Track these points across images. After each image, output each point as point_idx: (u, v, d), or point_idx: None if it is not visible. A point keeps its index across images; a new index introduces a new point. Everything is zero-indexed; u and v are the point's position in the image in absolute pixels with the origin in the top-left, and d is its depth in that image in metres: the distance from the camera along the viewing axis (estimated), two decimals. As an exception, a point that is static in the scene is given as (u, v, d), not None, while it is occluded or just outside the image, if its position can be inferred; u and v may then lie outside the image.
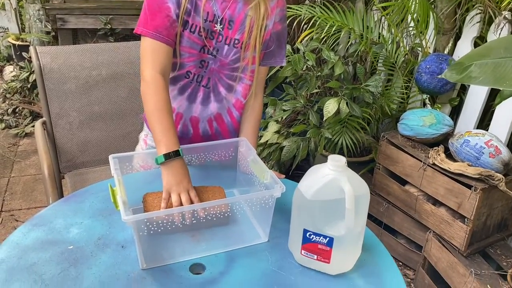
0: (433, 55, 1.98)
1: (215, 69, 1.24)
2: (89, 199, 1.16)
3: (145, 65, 1.15)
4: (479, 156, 1.61)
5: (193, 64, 1.22)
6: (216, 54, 1.21)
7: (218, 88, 1.27)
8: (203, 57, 1.22)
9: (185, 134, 1.32)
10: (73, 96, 1.80)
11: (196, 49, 1.20)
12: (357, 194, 0.91)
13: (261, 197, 0.99)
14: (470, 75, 0.86)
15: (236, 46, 1.21)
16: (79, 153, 1.85)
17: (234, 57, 1.23)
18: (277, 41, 1.27)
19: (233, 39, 1.21)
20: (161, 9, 1.13)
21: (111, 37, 3.32)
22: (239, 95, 1.30)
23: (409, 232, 1.92)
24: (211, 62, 1.23)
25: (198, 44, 1.19)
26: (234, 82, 1.28)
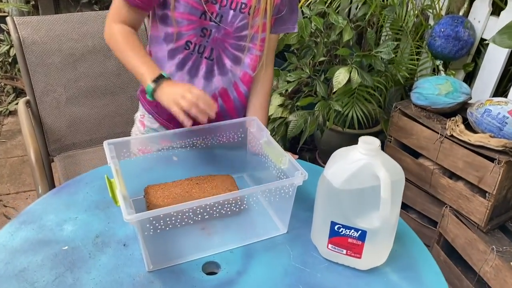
0: (448, 17, 1.83)
1: (219, 38, 1.09)
2: (83, 189, 1.04)
3: (109, 16, 1.08)
4: (502, 127, 1.50)
5: (193, 33, 1.07)
6: (220, 20, 1.06)
7: (223, 60, 1.13)
8: (205, 25, 1.07)
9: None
10: (58, 70, 1.65)
11: (196, 15, 1.05)
12: (393, 180, 0.79)
13: (280, 187, 0.87)
14: (527, 40, 0.73)
15: (243, 11, 1.06)
16: (69, 133, 1.71)
17: (240, 24, 1.08)
18: (289, 5, 1.12)
19: (240, 3, 1.05)
20: None
21: (96, 5, 3.11)
22: (247, 68, 1.16)
23: (422, 207, 1.82)
24: (214, 30, 1.08)
25: (198, 9, 1.04)
26: (242, 53, 1.13)
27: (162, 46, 1.12)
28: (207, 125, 1.05)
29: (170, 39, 1.10)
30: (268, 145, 0.99)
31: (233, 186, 0.98)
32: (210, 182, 0.98)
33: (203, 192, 0.96)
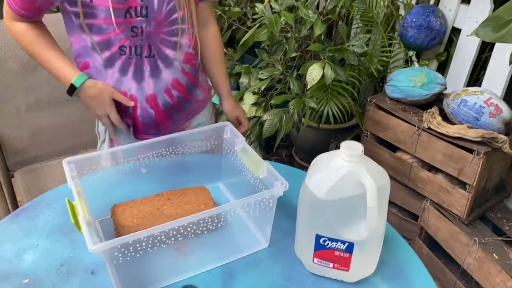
0: (419, 6, 1.80)
1: (152, 32, 1.01)
2: (44, 212, 0.95)
3: (4, 17, 1.03)
4: (479, 117, 1.48)
5: (124, 36, 0.99)
6: (147, 13, 0.98)
7: (164, 52, 1.05)
8: (133, 22, 0.98)
9: (148, 118, 1.12)
10: (17, 77, 1.53)
11: (120, 16, 0.96)
12: (379, 186, 0.75)
13: (260, 199, 0.80)
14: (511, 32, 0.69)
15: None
16: (30, 144, 1.60)
17: (169, 7, 1.00)
18: None
19: None
20: None
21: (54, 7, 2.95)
22: (186, 49, 1.09)
23: (402, 201, 1.80)
24: (144, 25, 0.99)
25: (120, 9, 0.95)
26: (178, 37, 1.05)
27: (94, 56, 1.03)
28: (178, 133, 0.97)
29: (101, 47, 1.01)
30: (244, 152, 0.93)
31: (208, 200, 0.91)
32: (183, 197, 0.91)
33: (176, 208, 0.89)
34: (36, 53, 1.05)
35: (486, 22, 0.73)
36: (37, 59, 1.07)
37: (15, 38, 1.05)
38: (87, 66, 1.05)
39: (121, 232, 0.83)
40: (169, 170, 1.06)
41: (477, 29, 0.73)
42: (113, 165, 0.93)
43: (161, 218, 0.85)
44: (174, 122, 1.17)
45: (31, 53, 1.06)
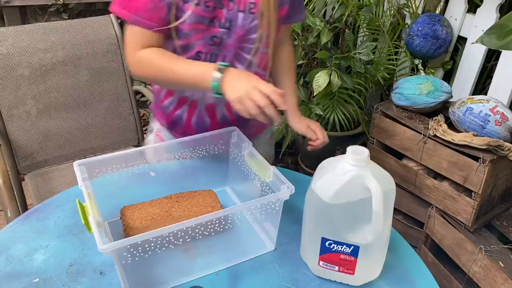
0: (425, 15, 1.82)
1: (231, 44, 1.01)
2: (54, 213, 0.97)
3: (128, 50, 0.98)
4: (485, 125, 1.49)
5: (203, 43, 0.99)
6: (230, 25, 0.98)
7: (235, 66, 1.04)
8: (214, 32, 0.98)
9: (201, 126, 1.12)
10: (28, 83, 1.56)
11: (203, 24, 0.97)
12: (384, 190, 0.76)
13: (266, 203, 0.82)
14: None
15: (253, 11, 0.98)
16: (40, 149, 1.62)
17: (251, 25, 0.99)
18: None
19: (248, 3, 0.97)
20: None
21: (65, 14, 3.00)
22: (256, 68, 1.07)
23: (408, 209, 1.80)
24: (225, 37, 0.99)
25: (205, 17, 0.96)
26: (252, 56, 1.05)
27: None
28: (186, 138, 0.99)
29: (179, 52, 1.01)
30: (251, 157, 0.94)
31: (216, 203, 0.93)
32: (190, 199, 0.93)
33: (184, 210, 0.90)
34: (168, 69, 0.95)
35: (491, 29, 0.74)
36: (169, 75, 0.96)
37: (138, 61, 0.98)
38: None
39: (130, 233, 0.84)
40: (177, 174, 1.07)
41: (482, 37, 0.75)
42: (123, 168, 0.95)
43: (169, 220, 0.87)
44: None
45: (162, 73, 0.97)
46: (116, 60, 1.69)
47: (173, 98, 1.11)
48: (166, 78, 0.97)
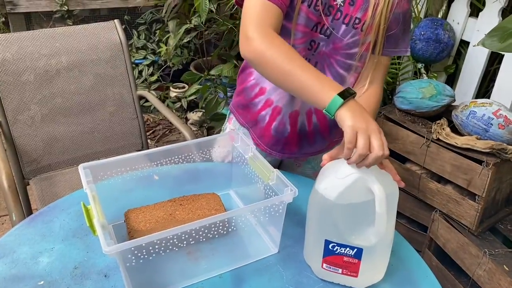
0: (427, 20, 1.83)
1: (325, 53, 1.01)
2: (59, 217, 0.97)
3: (248, 26, 0.88)
4: (488, 128, 1.49)
5: (303, 46, 0.99)
6: (330, 34, 0.98)
7: (326, 74, 1.03)
8: (314, 37, 0.99)
9: (280, 133, 1.11)
10: (33, 88, 1.58)
11: (309, 27, 0.97)
12: (387, 193, 0.76)
13: (270, 205, 0.82)
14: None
15: (356, 27, 0.97)
16: (45, 153, 1.63)
17: (351, 40, 0.99)
18: (402, 24, 1.01)
19: (354, 17, 0.96)
20: None
21: (69, 20, 3.02)
22: (348, 86, 1.05)
23: (411, 212, 1.80)
24: (322, 43, 1.00)
25: (312, 20, 0.96)
26: (347, 72, 1.03)
27: None
28: (189, 141, 1.00)
29: None
30: (254, 160, 0.95)
31: (219, 206, 0.93)
32: (194, 202, 0.93)
33: (188, 213, 0.91)
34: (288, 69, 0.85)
35: (492, 32, 0.75)
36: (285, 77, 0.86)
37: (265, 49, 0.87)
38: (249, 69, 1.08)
39: (134, 236, 0.85)
40: (181, 177, 1.08)
41: (484, 39, 0.75)
42: (127, 172, 0.95)
43: (173, 223, 0.87)
44: (299, 151, 1.15)
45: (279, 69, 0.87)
46: (120, 65, 1.70)
47: (262, 97, 1.09)
48: (281, 78, 0.87)
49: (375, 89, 1.04)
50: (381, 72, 1.05)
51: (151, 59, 3.03)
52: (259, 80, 1.09)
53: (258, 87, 1.10)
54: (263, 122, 1.13)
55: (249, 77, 1.12)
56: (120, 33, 1.70)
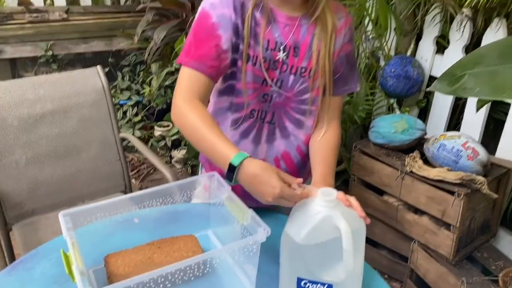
0: (397, 57, 1.92)
1: (280, 103, 1.08)
2: (40, 264, 0.99)
3: (177, 94, 1.01)
4: (458, 160, 1.55)
5: (256, 101, 1.07)
6: (280, 86, 1.06)
7: (284, 123, 1.11)
8: (265, 91, 1.06)
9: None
10: (16, 132, 1.61)
11: (258, 83, 1.05)
12: (353, 229, 0.80)
13: (244, 245, 0.86)
14: (464, 87, 0.78)
15: (304, 75, 1.06)
16: (28, 198, 1.65)
17: (301, 87, 1.07)
18: (347, 65, 1.11)
19: (300, 67, 1.05)
20: (209, 38, 1.00)
21: (54, 64, 3.09)
22: (309, 131, 1.13)
23: (392, 244, 1.84)
24: (274, 95, 1.07)
25: (260, 77, 1.04)
26: (303, 116, 1.11)
27: (226, 115, 1.10)
28: (168, 184, 1.04)
29: (235, 109, 1.08)
30: (230, 201, 0.99)
31: (197, 247, 0.96)
32: (172, 245, 0.96)
33: (166, 256, 0.93)
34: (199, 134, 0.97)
35: (442, 77, 0.81)
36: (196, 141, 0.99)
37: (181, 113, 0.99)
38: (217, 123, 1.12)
39: (113, 280, 0.87)
40: (161, 219, 1.11)
41: (435, 84, 0.82)
42: (107, 216, 0.98)
43: (151, 266, 0.90)
44: None
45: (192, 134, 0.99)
46: (103, 108, 1.75)
47: None
48: (194, 141, 1.00)
49: (333, 127, 1.12)
50: (336, 111, 1.14)
51: (135, 99, 3.09)
52: None
53: None
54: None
55: None
56: (102, 78, 1.75)
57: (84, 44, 3.16)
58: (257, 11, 1.01)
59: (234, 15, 1.00)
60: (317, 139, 1.11)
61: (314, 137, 1.13)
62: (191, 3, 2.43)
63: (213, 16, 1.01)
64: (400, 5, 1.90)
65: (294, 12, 1.04)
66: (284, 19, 1.03)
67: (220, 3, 1.00)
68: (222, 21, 1.00)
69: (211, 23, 1.01)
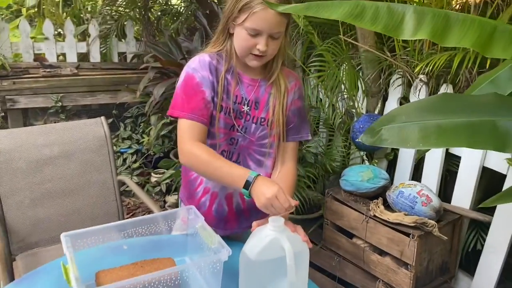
0: (365, 115, 2.18)
1: (244, 146, 1.33)
2: (41, 280, 1.18)
3: (182, 141, 1.24)
4: (413, 206, 1.76)
5: (225, 143, 1.32)
6: (245, 132, 1.32)
7: (247, 162, 1.35)
8: (233, 135, 1.32)
9: (220, 214, 1.37)
10: (24, 174, 1.82)
11: (227, 128, 1.31)
12: (296, 251, 1.00)
13: (209, 262, 1.05)
14: (381, 138, 1.01)
15: (263, 124, 1.32)
16: (31, 232, 1.84)
17: (261, 133, 1.33)
18: (299, 117, 1.36)
19: (260, 117, 1.31)
20: (197, 93, 1.25)
21: (62, 114, 3.37)
22: (268, 169, 1.37)
23: (361, 283, 1.99)
24: (240, 139, 1.32)
25: (229, 123, 1.30)
26: (263, 157, 1.35)
27: None
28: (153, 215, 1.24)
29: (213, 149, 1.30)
30: (203, 229, 1.19)
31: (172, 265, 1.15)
32: (152, 265, 1.15)
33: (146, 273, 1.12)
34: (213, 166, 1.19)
35: (366, 131, 1.04)
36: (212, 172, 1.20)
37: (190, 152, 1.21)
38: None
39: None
40: (146, 247, 1.30)
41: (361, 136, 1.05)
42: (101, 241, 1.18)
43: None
44: (239, 226, 1.39)
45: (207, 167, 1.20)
46: (104, 154, 1.98)
47: (201, 186, 1.36)
48: (209, 173, 1.21)
49: (289, 167, 1.36)
50: (291, 154, 1.37)
51: (135, 148, 3.34)
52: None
53: (199, 179, 1.37)
54: (204, 207, 1.38)
55: (190, 172, 1.39)
56: (105, 127, 2.00)
57: (91, 97, 3.45)
58: (228, 74, 1.29)
59: (211, 76, 1.27)
60: (274, 177, 1.35)
61: (272, 176, 1.36)
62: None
63: (197, 77, 1.27)
64: (367, 69, 2.18)
65: (255, 76, 1.31)
66: (248, 81, 1.31)
67: (200, 67, 1.27)
68: (203, 80, 1.27)
69: (196, 82, 1.27)
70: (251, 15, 1.17)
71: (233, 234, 1.39)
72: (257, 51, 1.21)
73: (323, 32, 2.37)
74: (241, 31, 1.21)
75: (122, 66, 3.88)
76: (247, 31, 1.19)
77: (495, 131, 0.94)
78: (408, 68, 2.01)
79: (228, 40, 1.27)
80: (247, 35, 1.20)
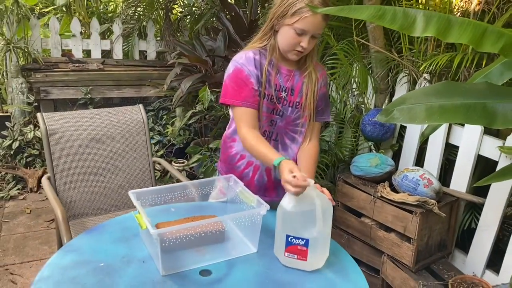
0: (374, 109, 2.42)
1: (281, 126, 1.59)
2: (107, 231, 1.42)
3: (240, 127, 1.51)
4: (416, 187, 2.00)
5: (267, 124, 1.58)
6: (283, 114, 1.58)
7: (284, 140, 1.61)
8: (273, 117, 1.58)
9: (261, 183, 1.64)
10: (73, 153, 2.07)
11: (268, 112, 1.56)
12: (322, 204, 1.25)
13: (250, 215, 1.30)
14: (393, 117, 1.25)
15: (297, 107, 1.58)
16: (78, 203, 2.09)
17: (296, 115, 1.59)
18: (324, 101, 1.64)
19: (295, 102, 1.57)
20: (247, 84, 1.50)
21: (90, 105, 3.62)
22: (299, 144, 1.63)
23: (368, 259, 2.23)
24: (278, 121, 1.58)
25: (270, 108, 1.56)
26: (296, 134, 1.62)
27: None
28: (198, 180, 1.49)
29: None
30: (242, 192, 1.44)
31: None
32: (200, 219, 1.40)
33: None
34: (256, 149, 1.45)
35: (382, 111, 1.29)
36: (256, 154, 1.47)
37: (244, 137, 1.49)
38: (235, 140, 1.62)
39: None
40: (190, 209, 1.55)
41: (377, 116, 1.29)
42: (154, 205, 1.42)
43: (189, 229, 1.33)
44: (277, 194, 1.61)
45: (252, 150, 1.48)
46: (142, 137, 2.23)
47: (244, 160, 1.62)
48: (254, 154, 1.49)
49: (314, 143, 1.63)
50: (316, 132, 1.65)
51: (157, 139, 3.59)
52: (239, 151, 1.63)
53: (239, 155, 1.63)
54: (247, 177, 1.64)
55: (230, 149, 1.65)
56: (143, 113, 2.25)
57: (117, 90, 3.71)
58: (269, 66, 1.54)
59: (255, 70, 1.52)
60: (302, 147, 1.63)
61: (301, 148, 1.63)
62: (211, 61, 2.99)
63: (245, 70, 1.52)
64: (377, 68, 2.43)
65: (291, 67, 1.57)
66: (285, 71, 1.56)
67: (247, 62, 1.52)
68: (250, 73, 1.52)
69: (245, 74, 1.52)
70: (302, 18, 1.41)
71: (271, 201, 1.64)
72: (300, 48, 1.47)
73: (338, 34, 2.63)
74: (289, 30, 1.45)
75: (143, 63, 4.14)
76: (295, 30, 1.44)
77: (486, 110, 1.19)
78: (414, 67, 2.26)
79: (272, 36, 1.53)
80: (294, 34, 1.45)
